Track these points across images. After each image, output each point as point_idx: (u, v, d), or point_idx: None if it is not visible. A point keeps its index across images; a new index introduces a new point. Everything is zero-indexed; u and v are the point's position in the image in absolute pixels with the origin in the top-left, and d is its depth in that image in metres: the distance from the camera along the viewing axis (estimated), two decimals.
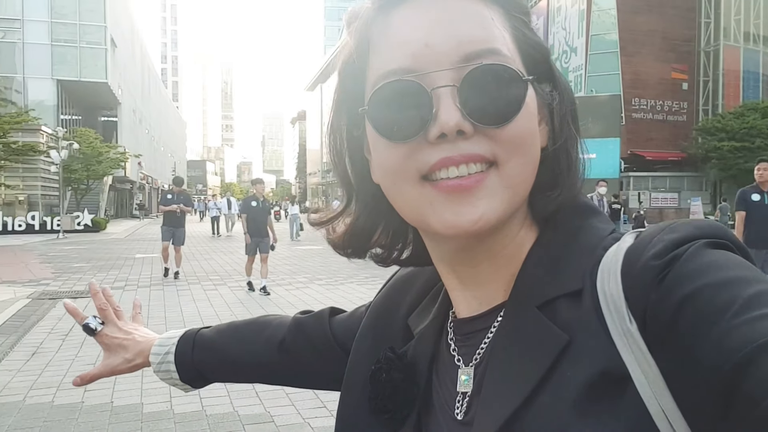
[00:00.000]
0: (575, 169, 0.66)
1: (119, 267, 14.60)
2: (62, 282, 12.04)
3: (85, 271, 13.71)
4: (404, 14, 0.60)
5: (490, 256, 0.64)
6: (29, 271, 14.01)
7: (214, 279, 11.58)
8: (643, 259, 0.53)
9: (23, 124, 31.83)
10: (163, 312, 8.72)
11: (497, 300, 0.65)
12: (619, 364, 0.52)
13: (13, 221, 28.11)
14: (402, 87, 0.58)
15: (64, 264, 15.38)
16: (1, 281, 12.08)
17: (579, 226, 0.63)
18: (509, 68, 0.58)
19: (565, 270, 0.60)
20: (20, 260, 16.50)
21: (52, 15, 40.53)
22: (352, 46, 0.64)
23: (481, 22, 0.59)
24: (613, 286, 0.54)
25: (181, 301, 9.64)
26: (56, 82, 40.99)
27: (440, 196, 0.58)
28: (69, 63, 41.19)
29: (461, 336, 0.68)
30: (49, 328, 7.74)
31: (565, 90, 0.66)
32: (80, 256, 17.44)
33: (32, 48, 40.06)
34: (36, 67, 40.09)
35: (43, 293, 10.40)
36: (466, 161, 0.57)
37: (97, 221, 30.98)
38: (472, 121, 0.56)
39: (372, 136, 0.62)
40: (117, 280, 12.17)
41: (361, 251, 0.74)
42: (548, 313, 0.58)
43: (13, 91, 39.24)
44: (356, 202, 0.72)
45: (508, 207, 0.59)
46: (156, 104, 73.11)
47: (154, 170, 67.09)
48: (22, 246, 21.38)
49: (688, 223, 0.54)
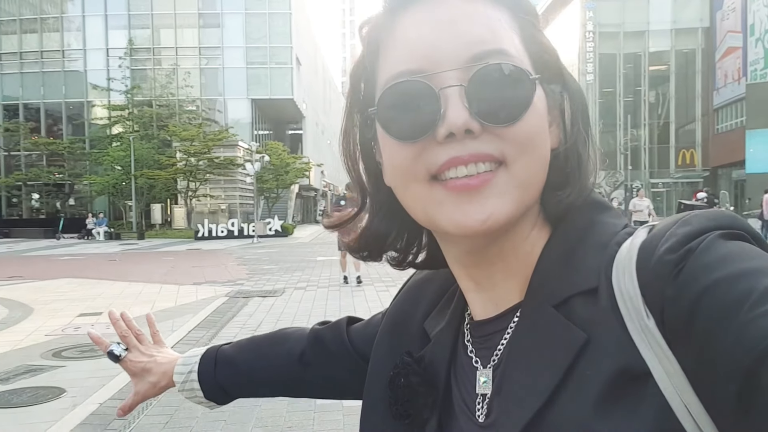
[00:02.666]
0: (586, 168, 0.65)
1: (302, 269, 15.73)
2: (254, 282, 13.28)
3: (273, 272, 15.00)
4: (412, 17, 0.61)
5: (503, 256, 0.64)
6: (228, 272, 15.65)
7: (386, 281, 12.03)
8: (657, 253, 0.52)
9: (224, 141, 35.68)
10: (338, 312, 9.28)
11: (513, 300, 0.65)
12: (639, 360, 0.52)
13: (217, 228, 31.51)
14: (410, 87, 0.58)
15: (257, 266, 16.95)
16: (206, 281, 13.65)
17: (591, 222, 0.63)
18: (516, 67, 0.58)
19: (579, 268, 0.59)
20: (221, 262, 18.50)
21: (246, 41, 44.87)
22: (362, 49, 0.66)
23: (488, 23, 0.59)
24: (628, 283, 0.54)
25: (354, 302, 10.16)
26: (251, 101, 45.29)
27: (449, 195, 0.58)
28: (261, 83, 45.27)
29: (478, 338, 0.68)
30: (242, 323, 8.61)
31: (575, 91, 0.65)
32: (270, 259, 19.10)
33: (231, 72, 44.68)
34: (234, 88, 44.65)
35: (238, 292, 11.54)
36: (475, 160, 0.57)
37: (286, 227, 33.59)
38: (479, 120, 0.56)
39: (382, 136, 0.62)
40: (299, 281, 13.14)
41: (376, 254, 0.75)
42: (565, 311, 0.58)
43: (216, 111, 44.14)
44: (370, 205, 0.73)
45: (518, 206, 0.59)
46: (337, 116, 76.95)
47: (335, 178, 71.15)
48: (224, 250, 23.93)
49: (702, 215, 0.54)
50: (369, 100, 0.64)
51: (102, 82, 41.46)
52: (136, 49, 43.40)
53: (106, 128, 40.69)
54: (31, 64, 44.10)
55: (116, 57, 42.30)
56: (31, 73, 43.97)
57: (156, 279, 13.95)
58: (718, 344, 0.46)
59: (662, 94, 48.65)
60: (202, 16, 44.91)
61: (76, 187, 42.17)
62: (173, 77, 42.91)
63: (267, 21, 44.87)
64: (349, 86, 0.68)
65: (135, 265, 18.30)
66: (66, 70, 44.45)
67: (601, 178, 21.60)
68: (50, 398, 5.33)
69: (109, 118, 40.47)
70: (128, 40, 43.00)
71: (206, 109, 43.74)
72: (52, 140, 40.97)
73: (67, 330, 8.33)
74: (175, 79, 42.64)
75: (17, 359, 6.70)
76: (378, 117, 0.61)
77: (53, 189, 41.64)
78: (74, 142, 41.38)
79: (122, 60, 41.72)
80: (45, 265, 18.89)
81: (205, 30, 44.96)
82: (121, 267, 17.73)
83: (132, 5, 43.99)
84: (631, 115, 46.58)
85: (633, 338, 0.53)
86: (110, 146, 37.62)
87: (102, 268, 17.48)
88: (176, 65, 43.65)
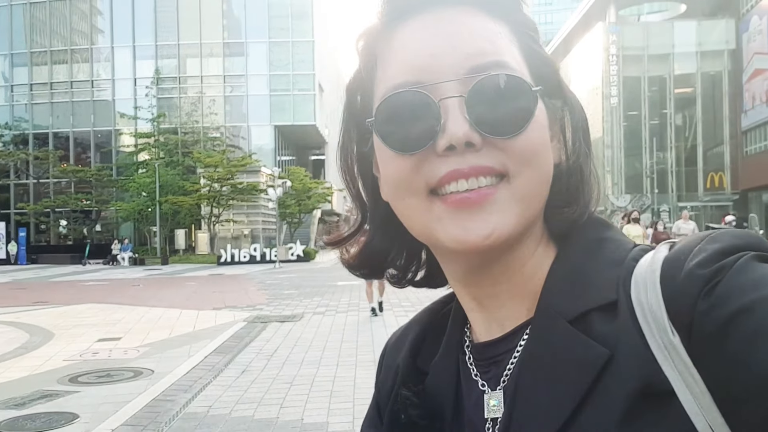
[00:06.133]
0: (589, 184, 0.64)
1: (322, 294, 15.67)
2: (273, 307, 13.24)
3: (293, 297, 14.95)
4: (411, 29, 0.59)
5: (508, 275, 0.61)
6: (248, 297, 15.67)
7: (406, 306, 11.88)
8: (686, 268, 0.50)
9: (247, 167, 36.04)
10: (355, 336, 9.19)
11: (519, 320, 0.62)
12: (662, 378, 0.50)
13: (239, 253, 31.68)
14: (409, 98, 0.56)
15: (277, 291, 16.95)
16: (225, 306, 13.64)
17: (599, 239, 0.61)
18: (518, 78, 0.56)
19: (594, 282, 0.57)
20: (242, 287, 18.53)
21: (270, 68, 45.55)
22: (359, 61, 0.64)
23: (488, 35, 0.58)
24: (651, 297, 0.52)
25: (372, 327, 10.05)
26: (274, 128, 45.75)
27: (449, 210, 0.56)
28: (284, 109, 45.77)
29: (483, 361, 0.65)
30: (259, 348, 8.53)
31: (575, 106, 0.64)
32: (291, 284, 19.08)
33: (254, 99, 45.28)
34: (258, 115, 45.19)
35: (257, 317, 11.49)
36: (476, 174, 0.55)
37: (308, 251, 33.67)
38: (480, 131, 0.55)
39: (379, 148, 0.60)
40: (319, 306, 13.07)
41: (377, 272, 0.72)
42: (582, 327, 0.55)
43: (239, 138, 44.71)
44: (370, 222, 0.70)
45: (520, 221, 0.57)
46: None
47: None
48: (245, 275, 23.99)
49: (728, 233, 0.53)
50: (366, 113, 0.62)
51: (129, 111, 42.29)
52: (163, 79, 44.28)
53: (133, 155, 41.49)
54: (62, 94, 45.23)
55: (143, 86, 43.17)
56: (61, 102, 45.07)
57: (177, 304, 13.99)
58: (751, 366, 0.45)
59: (689, 116, 47.99)
60: (227, 45, 45.71)
61: (103, 214, 42.86)
62: (198, 105, 43.69)
63: (290, 49, 45.50)
64: (346, 99, 0.66)
65: (157, 290, 18.41)
66: (95, 100, 45.49)
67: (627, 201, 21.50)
68: (63, 424, 5.32)
69: (136, 146, 41.26)
70: (155, 69, 43.95)
71: (230, 136, 44.31)
72: (80, 168, 41.73)
73: (85, 355, 8.36)
74: (200, 107, 43.40)
75: (34, 384, 6.73)
76: (375, 128, 0.59)
77: (80, 215, 42.32)
78: (101, 169, 42.15)
79: (149, 89, 42.55)
80: (69, 290, 19.11)
81: (230, 58, 45.75)
82: (143, 292, 17.85)
83: (159, 36, 45.00)
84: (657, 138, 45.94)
85: (655, 355, 0.51)
86: (136, 173, 38.27)
87: (124, 293, 17.63)
88: (201, 93, 44.46)
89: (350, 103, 0.66)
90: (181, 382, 6.70)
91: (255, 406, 5.75)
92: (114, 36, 45.41)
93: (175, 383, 6.63)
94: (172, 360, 7.86)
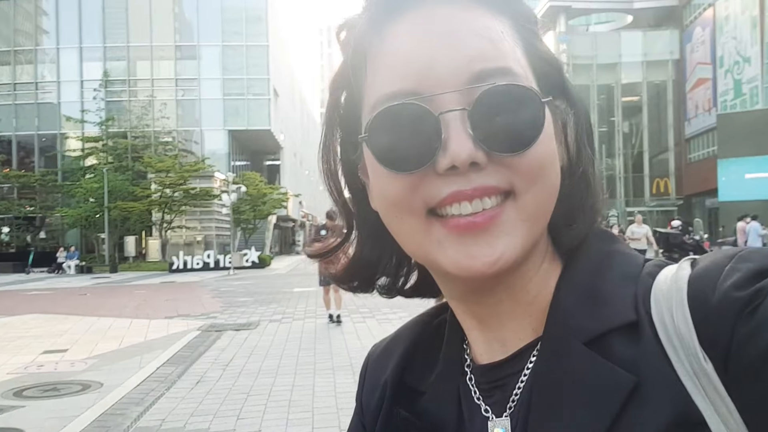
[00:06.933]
0: (595, 193, 0.60)
1: (278, 300, 15.42)
2: (228, 315, 12.96)
3: (248, 305, 14.65)
4: (404, 27, 0.54)
5: (512, 292, 0.57)
6: (202, 305, 15.28)
7: (363, 312, 11.79)
8: (721, 289, 0.47)
9: (200, 172, 35.43)
10: (313, 343, 9.02)
11: (524, 339, 0.58)
12: (693, 408, 0.47)
13: (192, 259, 31.03)
14: (405, 111, 0.51)
15: (232, 298, 16.59)
16: (178, 314, 13.29)
17: (606, 252, 0.58)
18: (526, 88, 0.52)
19: (609, 300, 0.53)
20: (195, 295, 18.11)
21: (224, 72, 44.92)
22: (345, 59, 0.59)
23: (490, 37, 0.53)
24: (679, 319, 0.48)
25: (330, 333, 9.92)
26: (228, 132, 45.10)
27: (451, 235, 0.52)
28: (238, 114, 45.21)
29: (486, 384, 0.60)
30: (213, 358, 8.31)
31: (580, 106, 0.60)
32: (246, 291, 18.73)
33: (207, 103, 44.57)
34: (211, 119, 44.48)
35: (211, 326, 11.22)
36: (480, 195, 0.51)
37: (263, 258, 33.22)
38: (486, 149, 0.50)
39: (372, 164, 0.55)
40: (275, 313, 12.84)
41: (368, 284, 0.67)
42: (600, 350, 0.51)
43: (192, 142, 43.90)
44: (358, 230, 0.65)
45: (528, 242, 0.53)
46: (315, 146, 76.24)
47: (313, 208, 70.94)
48: (199, 282, 23.49)
49: (756, 252, 0.50)
50: (352, 116, 0.58)
51: (76, 114, 40.98)
52: (112, 81, 43.11)
53: (80, 160, 40.15)
54: (4, 97, 43.47)
55: (91, 89, 42.00)
56: (3, 105, 43.33)
57: (126, 313, 13.57)
58: None
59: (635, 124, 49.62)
60: (179, 48, 44.89)
61: (48, 220, 41.35)
62: (149, 109, 42.63)
63: (244, 53, 45.00)
64: (330, 98, 0.61)
65: (106, 299, 17.81)
66: (39, 102, 43.84)
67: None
68: None
69: (83, 150, 39.97)
70: (104, 72, 42.76)
71: (182, 141, 43.43)
72: (24, 173, 40.22)
73: (29, 368, 8.01)
74: (151, 111, 42.39)
75: None
76: (369, 144, 0.53)
77: (24, 222, 40.73)
78: (46, 174, 40.66)
79: (97, 92, 41.43)
80: (12, 300, 18.29)
81: (182, 62, 44.92)
82: (91, 301, 17.25)
83: (108, 37, 43.82)
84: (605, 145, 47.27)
85: (683, 382, 0.47)
86: (83, 178, 37.07)
87: (71, 302, 16.98)
88: (152, 97, 43.42)
89: (334, 101, 0.61)
90: (132, 394, 6.47)
91: (210, 418, 5.58)
92: (60, 37, 43.91)
93: (125, 396, 6.40)
94: (123, 372, 7.58)
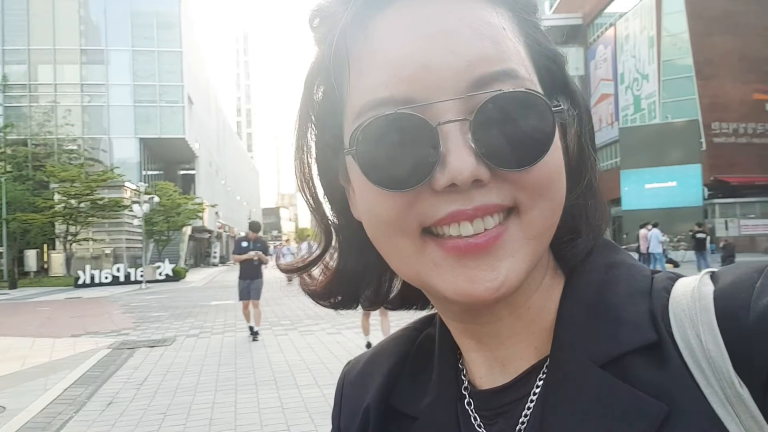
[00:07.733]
0: (600, 202, 0.56)
1: (195, 315, 14.87)
2: (141, 331, 12.35)
3: (163, 320, 14.04)
4: (394, 22, 0.47)
5: (512, 310, 0.52)
6: (112, 321, 14.49)
7: (285, 324, 11.55)
8: (757, 309, 0.42)
9: (108, 182, 33.80)
10: (234, 358, 8.73)
11: (528, 360, 0.53)
12: None
13: (100, 273, 29.46)
14: (398, 121, 0.45)
15: (145, 313, 15.85)
16: (86, 332, 12.53)
17: (610, 264, 0.53)
18: (533, 95, 0.46)
19: (623, 318, 0.49)
20: (105, 311, 17.15)
21: (134, 78, 43.24)
22: (323, 54, 0.52)
23: (491, 34, 0.47)
24: (708, 341, 0.44)
25: (251, 347, 9.65)
26: (139, 141, 43.44)
27: (449, 258, 0.47)
28: (151, 121, 43.68)
29: (488, 411, 0.55)
30: (126, 377, 7.88)
31: (583, 106, 0.55)
32: (160, 305, 17.95)
33: (116, 110, 42.83)
34: (120, 127, 42.73)
35: (123, 343, 10.66)
36: (482, 215, 0.46)
37: (178, 270, 32.03)
38: (489, 163, 0.45)
39: (359, 178, 0.49)
40: (192, 328, 12.37)
41: (351, 299, 0.61)
42: (620, 374, 0.47)
43: (100, 150, 41.90)
44: (338, 242, 0.60)
45: (532, 261, 0.48)
46: (231, 156, 76.16)
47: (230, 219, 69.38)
48: (108, 297, 22.30)
49: None
50: (330, 119, 0.53)
51: None
52: (11, 86, 40.56)
53: None
54: None
55: None
56: None
57: (29, 332, 12.66)
58: None
59: None
60: (84, 53, 42.97)
61: None
62: (52, 115, 40.39)
63: (156, 59, 43.62)
64: (304, 92, 0.55)
65: (5, 317, 16.61)
66: None
67: None
68: None
69: None
70: (2, 76, 40.13)
71: (89, 149, 41.41)
72: None
73: None
74: (54, 117, 40.14)
75: None
76: (356, 157, 0.47)
77: None
78: None
79: None
80: None
81: (89, 66, 43.05)
82: None
83: (6, 40, 41.32)
84: None
85: (714, 408, 0.44)
86: None
87: None
88: (55, 102, 41.20)
89: (308, 98, 0.55)
90: (38, 419, 6.02)
91: None
92: None
93: (30, 420, 5.94)
94: (26, 394, 7.04)
